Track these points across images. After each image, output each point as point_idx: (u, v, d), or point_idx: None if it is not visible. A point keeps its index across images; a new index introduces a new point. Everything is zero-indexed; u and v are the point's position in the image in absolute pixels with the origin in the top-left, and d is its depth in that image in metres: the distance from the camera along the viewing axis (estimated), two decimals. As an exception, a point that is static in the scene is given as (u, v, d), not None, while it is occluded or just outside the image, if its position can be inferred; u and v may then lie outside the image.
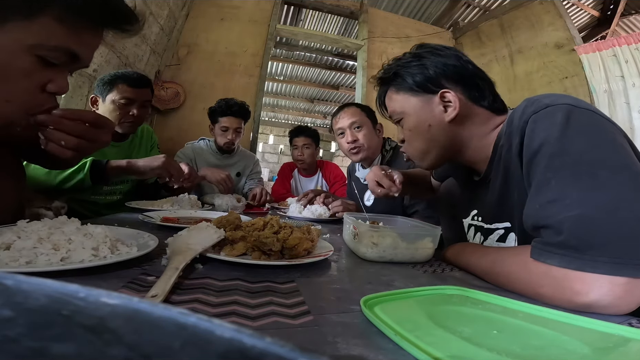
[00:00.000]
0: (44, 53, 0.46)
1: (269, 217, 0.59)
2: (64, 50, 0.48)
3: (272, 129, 7.91)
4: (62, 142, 0.53)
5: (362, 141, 1.25)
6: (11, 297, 0.11)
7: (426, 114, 0.64)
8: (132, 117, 1.20)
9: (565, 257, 0.40)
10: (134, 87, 1.19)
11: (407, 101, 0.66)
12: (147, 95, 1.25)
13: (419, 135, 0.66)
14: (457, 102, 0.61)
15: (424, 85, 0.64)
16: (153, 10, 2.26)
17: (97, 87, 1.21)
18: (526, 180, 0.50)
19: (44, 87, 0.49)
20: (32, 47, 0.45)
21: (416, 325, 0.32)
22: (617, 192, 0.40)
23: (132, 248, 0.47)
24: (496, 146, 0.60)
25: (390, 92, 0.70)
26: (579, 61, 2.54)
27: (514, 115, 0.55)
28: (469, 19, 3.71)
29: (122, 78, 1.18)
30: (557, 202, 0.43)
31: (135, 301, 0.11)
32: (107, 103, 1.18)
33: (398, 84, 0.67)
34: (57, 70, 0.49)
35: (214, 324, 0.10)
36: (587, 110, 0.48)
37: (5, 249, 0.39)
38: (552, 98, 0.50)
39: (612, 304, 0.38)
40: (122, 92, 1.17)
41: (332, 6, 3.37)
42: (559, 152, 0.45)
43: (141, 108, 1.23)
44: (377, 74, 0.73)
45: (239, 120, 1.66)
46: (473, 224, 0.69)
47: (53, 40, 0.46)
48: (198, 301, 0.36)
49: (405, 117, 0.67)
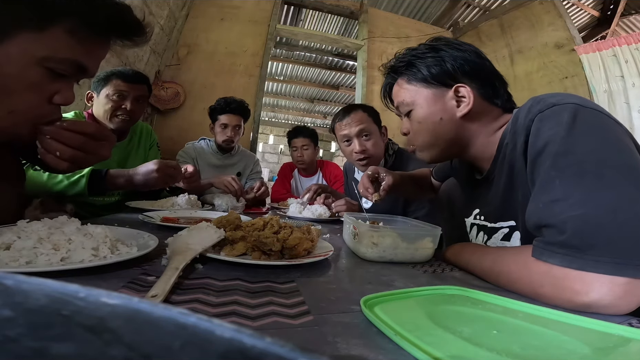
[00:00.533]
0: (52, 65, 0.47)
1: (269, 217, 0.59)
2: (73, 62, 0.48)
3: (272, 129, 7.92)
4: (57, 153, 0.53)
5: (372, 151, 1.19)
6: (11, 297, 0.11)
7: (438, 107, 0.63)
8: (124, 111, 1.19)
9: (567, 256, 0.40)
10: (128, 82, 1.20)
11: (419, 92, 0.65)
12: (142, 90, 1.24)
13: (428, 127, 0.64)
14: (471, 97, 0.61)
15: (440, 78, 0.63)
16: (153, 10, 2.26)
17: (93, 84, 1.22)
18: (530, 178, 0.50)
19: (50, 99, 0.49)
20: (42, 60, 0.45)
21: (416, 325, 0.32)
22: (622, 192, 0.40)
23: (132, 248, 0.47)
24: (501, 145, 0.60)
25: (401, 82, 0.68)
26: (579, 61, 2.54)
27: (519, 114, 0.55)
28: (469, 19, 3.71)
29: (117, 74, 1.20)
30: (561, 201, 0.43)
31: (135, 301, 0.11)
32: (101, 97, 1.19)
33: (412, 74, 0.66)
34: (64, 81, 0.50)
35: (214, 324, 0.10)
36: (593, 110, 0.47)
37: (5, 249, 0.39)
38: (559, 97, 0.50)
39: (612, 304, 0.38)
40: (116, 86, 1.18)
41: (332, 6, 3.37)
42: (565, 151, 0.45)
43: (135, 103, 1.22)
44: (388, 62, 0.72)
45: (237, 118, 1.67)
46: (476, 223, 0.69)
47: (62, 53, 0.46)
48: (198, 301, 0.36)
49: (415, 108, 0.65)
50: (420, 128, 0.66)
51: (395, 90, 0.71)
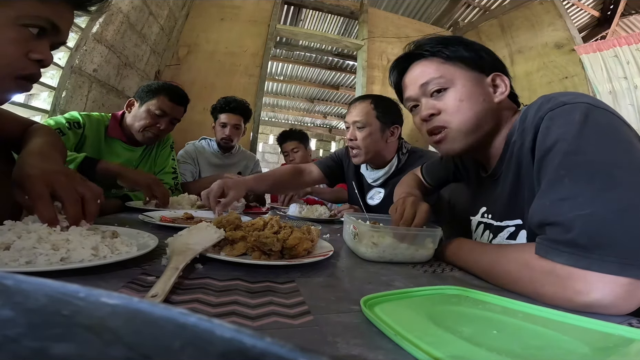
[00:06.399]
0: (27, 22, 0.53)
1: (269, 217, 0.59)
2: (45, 19, 0.54)
3: (272, 129, 7.91)
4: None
5: (359, 143, 1.16)
6: (11, 297, 0.11)
7: (479, 90, 0.62)
8: (157, 129, 1.23)
9: (573, 255, 0.40)
10: (173, 101, 1.24)
11: (459, 73, 0.63)
12: (179, 113, 1.29)
13: (472, 106, 0.61)
14: (507, 86, 0.62)
15: (480, 63, 0.63)
16: (153, 10, 2.26)
17: (140, 92, 1.24)
18: (536, 177, 0.50)
19: (27, 54, 0.55)
20: (16, 18, 0.52)
21: (416, 325, 0.32)
22: (631, 193, 0.40)
23: (132, 248, 0.47)
24: (508, 142, 0.60)
25: (434, 60, 0.65)
26: (579, 61, 2.54)
27: (528, 111, 0.54)
28: (469, 19, 3.71)
29: (166, 90, 1.23)
30: (569, 200, 0.42)
31: (135, 301, 0.11)
32: (142, 109, 1.21)
33: (451, 52, 0.63)
34: (39, 41, 0.56)
35: (214, 324, 0.10)
36: (605, 111, 0.47)
37: (5, 249, 0.39)
38: (570, 96, 0.50)
39: (613, 304, 0.38)
40: (161, 103, 1.21)
41: (332, 6, 3.37)
42: (575, 150, 0.44)
43: (168, 124, 1.26)
44: (414, 42, 0.69)
45: (237, 117, 1.68)
46: (483, 222, 0.69)
47: (34, 12, 0.53)
48: (198, 301, 0.36)
49: (455, 86, 0.62)
50: (463, 107, 0.61)
51: (422, 67, 0.66)
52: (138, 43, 2.20)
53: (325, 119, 7.73)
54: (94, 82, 1.83)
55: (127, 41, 2.05)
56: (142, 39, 2.24)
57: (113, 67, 1.98)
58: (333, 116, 7.62)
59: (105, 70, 1.91)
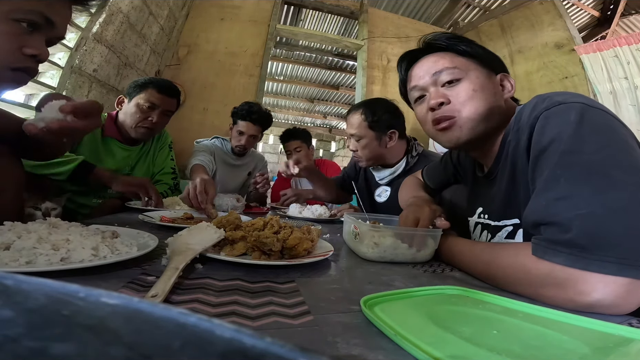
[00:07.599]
0: (20, 16, 0.53)
1: (269, 217, 0.59)
2: (38, 13, 0.54)
3: (272, 129, 7.89)
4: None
5: (359, 153, 1.25)
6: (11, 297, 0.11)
7: (491, 85, 0.63)
8: (150, 123, 1.22)
9: (572, 255, 0.40)
10: (162, 93, 1.22)
11: (473, 67, 0.64)
12: (170, 105, 1.27)
13: (485, 96, 0.62)
14: (512, 87, 0.64)
15: (491, 61, 0.65)
16: (153, 10, 2.26)
17: (129, 88, 1.23)
18: (531, 175, 0.50)
19: (21, 49, 0.55)
20: (8, 12, 0.52)
21: (416, 325, 0.32)
22: (629, 193, 0.40)
23: (132, 248, 0.47)
24: (504, 142, 0.60)
25: (448, 53, 0.66)
26: (579, 61, 2.54)
27: (523, 111, 0.54)
28: (469, 19, 3.71)
29: (153, 83, 1.22)
30: (566, 199, 0.42)
31: (135, 301, 0.11)
32: (131, 104, 1.20)
33: (466, 47, 0.65)
34: (34, 36, 0.56)
35: (214, 324, 0.10)
36: (600, 111, 0.47)
37: (5, 249, 0.39)
38: (565, 96, 0.50)
39: (613, 304, 0.38)
40: (149, 95, 1.20)
41: (332, 6, 3.38)
42: (571, 150, 0.44)
43: (162, 116, 1.24)
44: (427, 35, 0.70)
45: (256, 128, 1.63)
46: (480, 222, 0.69)
47: (27, 6, 0.53)
48: (198, 301, 0.36)
49: (469, 77, 0.63)
50: (476, 96, 0.61)
51: (435, 57, 0.66)
52: (138, 43, 2.20)
53: (325, 119, 7.74)
54: (94, 82, 1.83)
55: (127, 41, 2.05)
56: (142, 39, 2.24)
57: (113, 67, 1.99)
58: (333, 116, 7.63)
59: (105, 71, 1.91)
